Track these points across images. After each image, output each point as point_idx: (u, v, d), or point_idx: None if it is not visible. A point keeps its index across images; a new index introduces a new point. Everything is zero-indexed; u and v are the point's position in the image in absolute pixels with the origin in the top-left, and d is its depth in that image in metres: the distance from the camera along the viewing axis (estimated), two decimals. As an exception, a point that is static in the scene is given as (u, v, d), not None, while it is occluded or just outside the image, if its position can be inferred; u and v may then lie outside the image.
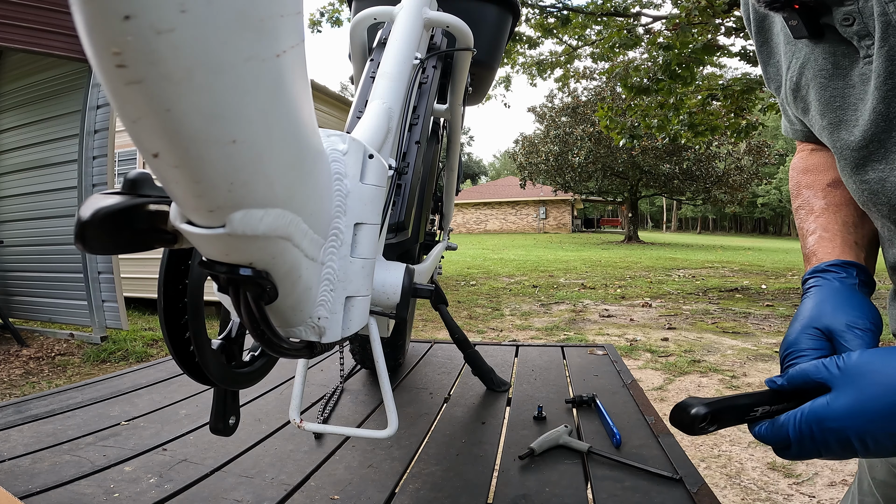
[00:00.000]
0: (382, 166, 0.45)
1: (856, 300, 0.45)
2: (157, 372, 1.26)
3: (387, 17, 0.79)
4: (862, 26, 0.43)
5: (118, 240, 0.28)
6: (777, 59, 0.56)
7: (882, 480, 0.56)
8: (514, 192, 29.11)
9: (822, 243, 0.53)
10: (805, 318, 0.45)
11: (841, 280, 0.48)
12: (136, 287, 5.09)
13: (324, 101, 6.68)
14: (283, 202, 0.29)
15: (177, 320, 0.36)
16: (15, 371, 3.09)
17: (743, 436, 2.27)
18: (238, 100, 0.22)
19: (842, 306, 0.44)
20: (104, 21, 0.17)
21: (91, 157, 3.73)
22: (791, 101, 0.54)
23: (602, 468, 0.77)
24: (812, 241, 0.54)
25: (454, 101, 1.02)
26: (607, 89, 14.04)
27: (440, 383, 1.21)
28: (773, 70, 0.57)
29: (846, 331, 0.42)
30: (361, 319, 0.44)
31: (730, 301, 5.99)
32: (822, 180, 0.59)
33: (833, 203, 0.57)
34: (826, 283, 0.48)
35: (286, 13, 0.23)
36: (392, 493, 0.71)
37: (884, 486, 0.56)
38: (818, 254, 0.52)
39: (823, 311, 0.45)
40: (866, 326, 0.42)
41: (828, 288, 0.47)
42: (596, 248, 16.16)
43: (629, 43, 6.31)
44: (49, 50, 3.33)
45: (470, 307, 5.59)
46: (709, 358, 3.52)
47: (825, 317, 0.44)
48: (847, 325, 0.43)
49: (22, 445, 0.82)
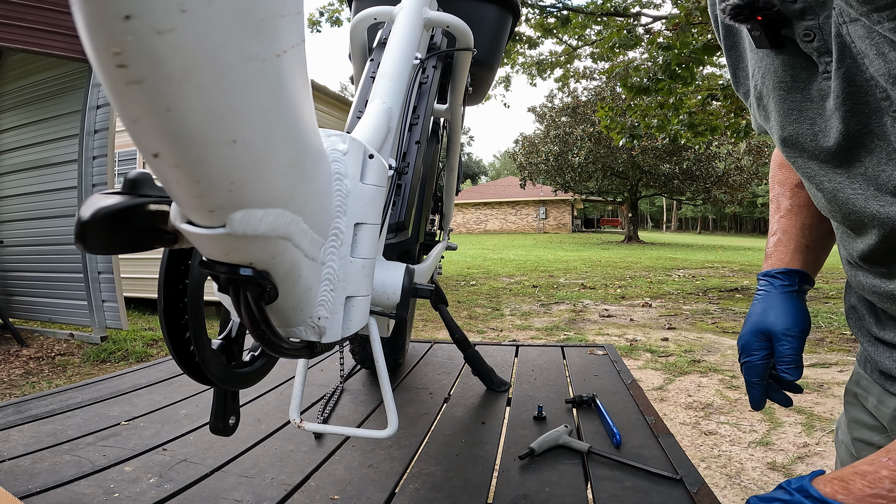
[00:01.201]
0: (383, 166, 0.45)
1: (792, 309, 0.60)
2: (157, 372, 1.26)
3: (387, 17, 0.79)
4: (822, 43, 0.44)
5: (118, 240, 0.28)
6: (745, 63, 0.56)
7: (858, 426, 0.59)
8: (514, 192, 29.12)
9: (779, 247, 0.65)
10: (754, 323, 0.61)
11: (784, 288, 0.62)
12: (136, 287, 5.09)
13: (324, 101, 6.68)
14: (284, 202, 0.29)
15: (177, 320, 0.36)
16: (15, 371, 3.09)
17: (743, 436, 2.27)
18: (238, 100, 0.22)
19: (781, 315, 0.59)
20: (105, 21, 0.17)
21: (91, 157, 3.73)
22: (755, 108, 0.55)
23: (602, 468, 0.77)
24: (772, 242, 0.67)
25: (454, 101, 1.02)
26: (607, 89, 14.03)
27: (440, 383, 1.21)
28: (742, 75, 0.57)
29: (781, 337, 0.58)
30: (361, 319, 0.44)
31: (730, 301, 5.99)
32: (793, 179, 0.68)
33: (797, 204, 0.66)
34: (773, 290, 0.62)
35: (286, 13, 0.23)
36: (392, 493, 0.71)
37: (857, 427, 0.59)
38: (772, 258, 0.65)
39: (767, 318, 0.60)
40: (795, 333, 0.58)
41: (774, 295, 0.61)
42: (596, 248, 16.16)
43: (629, 43, 6.31)
44: (49, 50, 3.33)
45: (470, 307, 5.59)
46: (709, 358, 3.52)
47: (768, 323, 0.59)
48: (782, 332, 0.58)
49: (22, 445, 0.82)
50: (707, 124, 6.55)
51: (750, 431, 2.32)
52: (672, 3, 5.75)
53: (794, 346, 0.57)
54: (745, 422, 2.43)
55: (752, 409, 0.65)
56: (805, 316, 0.60)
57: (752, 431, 2.32)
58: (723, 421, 2.45)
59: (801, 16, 0.44)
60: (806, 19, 0.44)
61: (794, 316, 0.59)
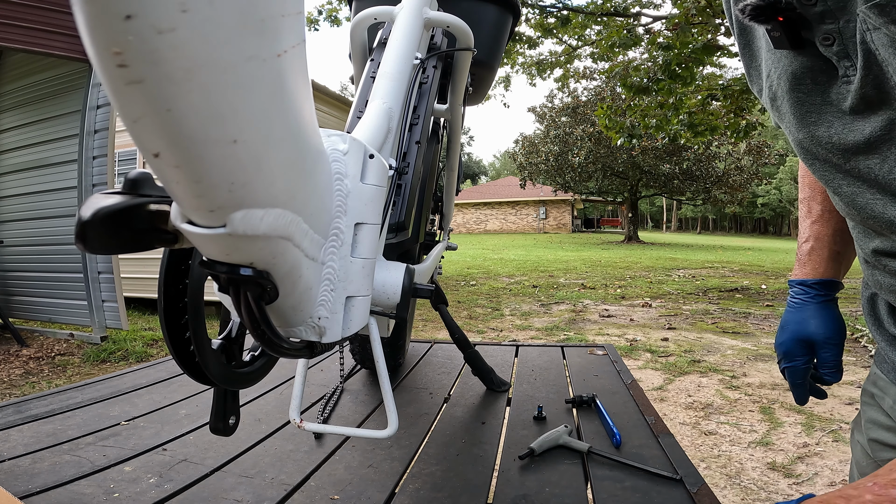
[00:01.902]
0: (383, 166, 0.45)
1: (832, 319, 0.65)
2: (157, 372, 1.26)
3: (387, 17, 0.79)
4: (842, 47, 0.43)
5: (119, 240, 0.28)
6: (758, 63, 0.56)
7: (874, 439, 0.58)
8: (514, 192, 29.12)
9: (813, 256, 0.68)
10: (794, 331, 0.65)
11: (820, 298, 0.66)
12: (136, 287, 5.09)
13: (324, 101, 6.68)
14: (284, 202, 0.29)
15: (177, 320, 0.36)
16: (15, 371, 3.09)
17: (743, 436, 2.27)
18: (239, 100, 0.22)
19: (822, 325, 0.64)
20: (105, 21, 0.17)
21: (91, 157, 3.73)
22: (769, 107, 0.55)
23: (602, 468, 0.77)
24: (805, 249, 0.70)
25: (454, 101, 1.02)
26: (607, 89, 14.03)
27: (440, 383, 1.21)
28: (755, 73, 0.57)
29: (824, 345, 0.63)
30: (362, 319, 0.44)
31: (730, 301, 5.99)
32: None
33: (828, 209, 0.68)
34: (810, 300, 0.66)
35: (287, 13, 0.23)
36: (392, 493, 0.71)
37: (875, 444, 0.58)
38: (807, 266, 0.69)
39: (808, 326, 0.64)
40: (836, 341, 0.63)
41: (812, 306, 0.66)
42: (596, 248, 16.16)
43: (629, 43, 6.31)
44: (49, 50, 3.33)
45: (470, 307, 5.59)
46: (709, 358, 3.53)
47: (810, 332, 0.64)
48: (825, 341, 0.63)
49: (22, 445, 0.82)
50: (707, 124, 6.55)
51: (750, 431, 2.32)
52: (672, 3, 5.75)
53: (835, 353, 0.63)
54: (745, 422, 2.43)
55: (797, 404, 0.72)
56: (842, 323, 0.65)
57: (752, 431, 2.32)
58: (723, 421, 2.45)
59: (821, 19, 0.43)
60: (826, 23, 0.43)
61: (833, 325, 0.64)
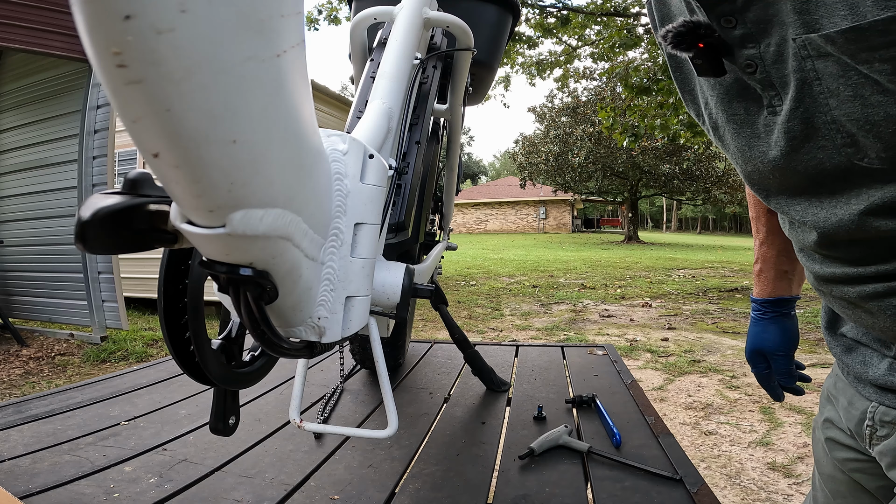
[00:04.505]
0: (382, 166, 0.45)
1: (781, 334, 0.73)
2: (157, 372, 1.26)
3: (387, 17, 0.79)
4: (765, 75, 0.40)
5: (118, 240, 0.28)
6: (692, 87, 0.53)
7: (828, 475, 0.59)
8: (514, 192, 29.11)
9: (762, 277, 0.74)
10: (753, 344, 0.74)
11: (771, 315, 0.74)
12: (136, 287, 5.09)
13: (324, 101, 6.68)
14: (283, 202, 0.29)
15: (177, 320, 0.36)
16: (15, 371, 3.09)
17: (743, 436, 2.27)
18: (238, 100, 0.22)
19: (772, 340, 0.73)
20: (105, 21, 0.17)
21: (91, 157, 3.73)
22: (712, 136, 0.52)
23: (602, 468, 0.77)
24: (756, 269, 0.76)
25: (454, 101, 1.02)
26: (607, 89, 14.03)
27: (440, 383, 1.21)
28: (689, 98, 0.54)
29: (773, 356, 0.72)
30: (361, 319, 0.44)
31: (730, 301, 5.99)
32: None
33: (772, 230, 0.72)
34: (763, 317, 0.74)
35: (286, 13, 0.23)
36: (392, 493, 0.71)
37: (830, 479, 0.59)
38: (758, 286, 0.75)
39: (763, 340, 0.73)
40: (785, 353, 0.72)
41: (765, 322, 0.74)
42: (596, 248, 16.16)
43: (629, 43, 6.31)
44: (49, 50, 3.33)
45: (470, 307, 5.59)
46: (709, 358, 3.52)
47: (764, 345, 0.73)
48: (773, 352, 0.72)
49: (22, 445, 0.82)
50: (707, 124, 6.53)
51: (750, 431, 2.32)
52: (672, 3, 5.74)
53: (785, 362, 0.72)
54: (745, 422, 2.43)
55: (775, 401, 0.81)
56: (791, 335, 0.73)
57: (752, 431, 2.32)
58: (723, 421, 2.45)
59: (742, 43, 0.40)
60: (747, 47, 0.40)
61: (783, 339, 0.73)
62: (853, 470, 0.54)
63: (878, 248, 0.40)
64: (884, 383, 0.45)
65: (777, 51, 0.39)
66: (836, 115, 0.37)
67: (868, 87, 0.34)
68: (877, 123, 0.35)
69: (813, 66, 0.37)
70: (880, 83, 0.34)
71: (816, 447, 0.62)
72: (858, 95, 0.35)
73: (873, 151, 0.36)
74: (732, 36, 0.40)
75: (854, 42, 0.33)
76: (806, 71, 0.37)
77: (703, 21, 0.41)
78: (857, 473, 0.54)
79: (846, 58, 0.34)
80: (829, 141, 0.39)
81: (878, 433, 0.47)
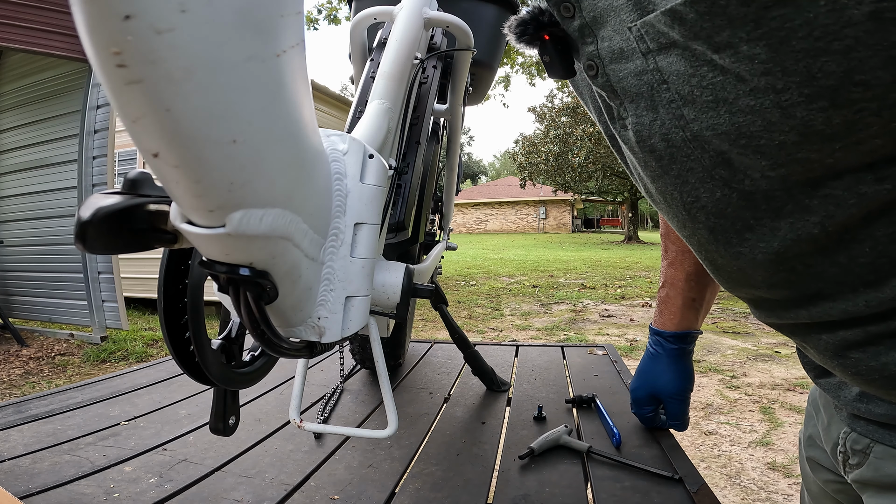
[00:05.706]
0: (382, 166, 0.45)
1: (679, 374, 0.69)
2: (157, 372, 1.26)
3: (387, 16, 0.79)
4: (605, 79, 0.32)
5: (118, 240, 0.28)
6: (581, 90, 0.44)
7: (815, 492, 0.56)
8: (514, 192, 29.12)
9: (668, 305, 0.70)
10: (645, 382, 0.72)
11: (674, 352, 0.69)
12: (136, 287, 5.09)
13: (324, 101, 6.68)
14: (283, 202, 0.29)
15: (177, 320, 0.36)
16: (15, 371, 3.09)
17: (743, 436, 2.27)
18: (238, 100, 0.22)
19: (669, 380, 0.69)
20: (104, 21, 0.17)
21: (91, 157, 3.73)
22: (615, 152, 0.43)
23: (602, 468, 0.77)
24: (661, 295, 0.72)
25: (454, 101, 1.02)
26: (607, 89, 14.02)
27: (440, 383, 1.21)
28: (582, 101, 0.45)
29: (669, 400, 0.70)
30: (361, 319, 0.44)
31: (730, 301, 5.99)
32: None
33: (682, 250, 0.68)
34: (663, 352, 0.70)
35: (286, 13, 0.23)
36: (392, 493, 0.71)
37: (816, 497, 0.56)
38: (663, 315, 0.71)
39: (658, 381, 0.70)
40: (681, 397, 0.69)
41: (663, 358, 0.70)
42: (596, 248, 16.16)
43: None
44: (49, 50, 3.33)
45: (470, 307, 5.59)
46: (709, 358, 3.52)
47: (658, 387, 0.70)
48: (669, 396, 0.70)
49: (22, 445, 0.82)
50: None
51: (750, 431, 2.32)
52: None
53: (679, 407, 0.69)
54: (745, 422, 2.43)
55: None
56: (689, 376, 0.70)
57: (752, 431, 2.32)
58: (723, 421, 2.45)
59: (582, 37, 0.32)
60: (587, 43, 0.32)
61: (679, 382, 0.69)
62: (836, 491, 0.52)
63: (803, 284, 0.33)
64: (853, 410, 0.41)
65: (615, 46, 0.30)
66: (695, 129, 0.27)
67: (732, 86, 0.24)
68: (755, 136, 0.25)
69: (656, 65, 0.27)
70: (747, 80, 0.24)
71: (802, 463, 0.59)
72: (721, 100, 0.25)
73: (756, 171, 0.27)
74: (571, 27, 0.32)
75: (712, 15, 0.23)
76: (648, 72, 0.28)
77: (546, 8, 0.33)
78: (840, 495, 0.51)
79: (699, 45, 0.24)
80: (697, 162, 0.29)
81: (850, 461, 0.42)
